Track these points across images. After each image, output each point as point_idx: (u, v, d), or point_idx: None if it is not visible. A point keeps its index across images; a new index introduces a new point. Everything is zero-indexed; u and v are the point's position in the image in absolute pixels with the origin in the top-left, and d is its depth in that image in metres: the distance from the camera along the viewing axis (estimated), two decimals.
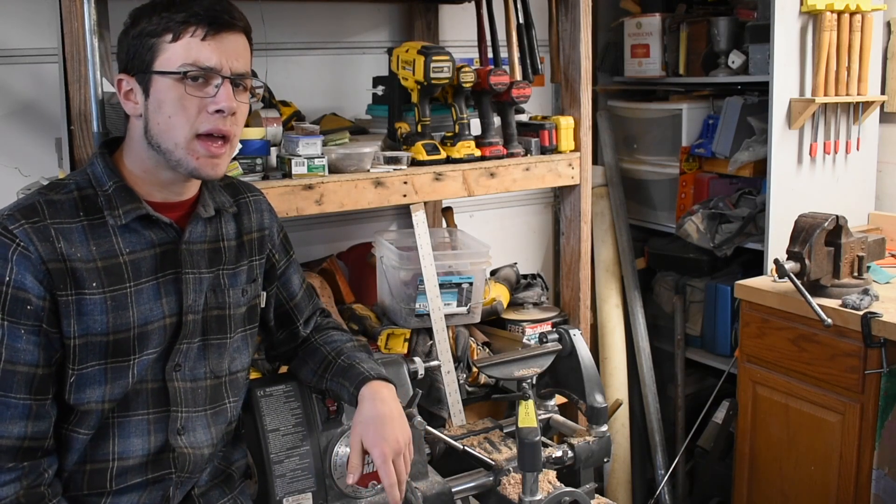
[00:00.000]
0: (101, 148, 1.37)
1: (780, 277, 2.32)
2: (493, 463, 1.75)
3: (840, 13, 2.48)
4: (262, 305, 1.55)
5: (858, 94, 2.58)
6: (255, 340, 1.54)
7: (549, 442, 1.86)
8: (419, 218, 2.12)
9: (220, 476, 1.50)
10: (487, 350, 2.26)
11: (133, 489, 1.35)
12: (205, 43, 1.28)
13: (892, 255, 2.58)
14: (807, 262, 2.22)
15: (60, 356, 1.27)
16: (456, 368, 2.13)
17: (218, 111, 1.29)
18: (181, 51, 1.27)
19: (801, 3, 2.47)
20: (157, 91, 1.28)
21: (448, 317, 2.15)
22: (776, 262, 2.25)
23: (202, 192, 1.41)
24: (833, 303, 2.23)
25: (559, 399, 2.01)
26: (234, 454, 1.54)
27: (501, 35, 2.39)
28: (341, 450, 1.60)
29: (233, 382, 1.47)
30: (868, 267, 2.37)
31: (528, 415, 1.62)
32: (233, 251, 1.45)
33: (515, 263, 2.57)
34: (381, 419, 1.44)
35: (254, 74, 1.44)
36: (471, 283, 2.19)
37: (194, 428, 1.40)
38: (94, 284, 1.27)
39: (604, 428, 1.85)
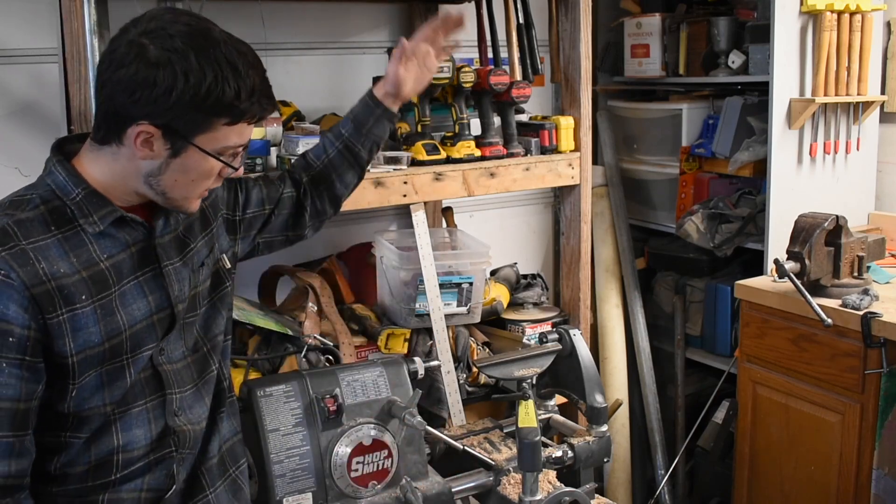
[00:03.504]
0: (56, 154, 1.31)
1: (780, 277, 2.32)
2: (493, 463, 1.75)
3: (840, 13, 2.48)
4: (228, 266, 1.53)
5: (858, 94, 2.58)
6: (228, 303, 1.53)
7: (549, 442, 1.86)
8: (419, 218, 2.12)
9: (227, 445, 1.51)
10: (487, 350, 2.26)
11: (137, 474, 1.35)
12: (251, 126, 1.31)
13: (892, 255, 2.58)
14: (807, 262, 2.22)
15: (43, 388, 1.23)
16: (456, 368, 2.13)
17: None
18: (232, 136, 1.27)
19: (801, 3, 2.47)
20: (189, 159, 1.26)
21: (448, 317, 2.15)
22: (776, 262, 2.25)
23: None
24: (833, 303, 2.23)
25: (559, 399, 2.01)
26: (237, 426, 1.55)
27: (501, 35, 2.39)
28: (341, 450, 1.60)
29: (214, 347, 1.47)
30: (868, 267, 2.37)
31: (528, 415, 1.62)
32: (190, 229, 1.44)
33: (515, 263, 2.57)
34: None
35: None
36: (471, 283, 2.19)
37: (190, 405, 1.40)
38: (84, 297, 1.24)
39: (604, 428, 1.85)
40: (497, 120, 2.24)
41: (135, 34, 1.21)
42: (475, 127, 2.21)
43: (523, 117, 2.41)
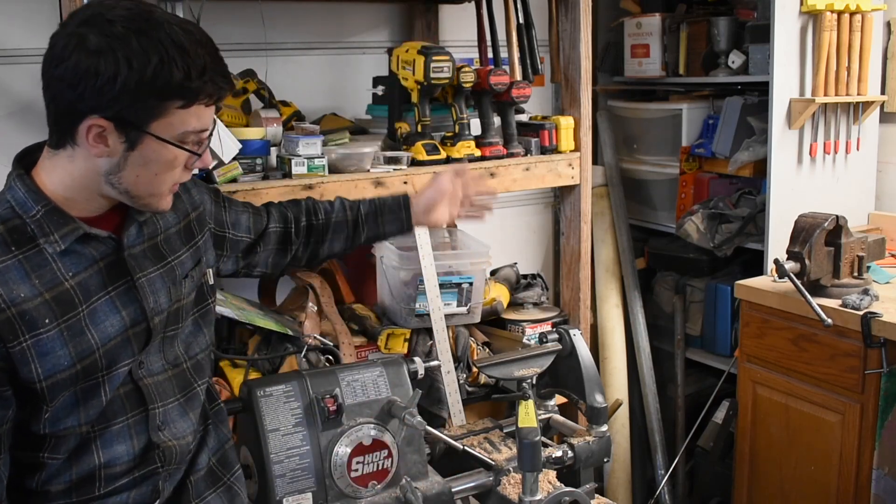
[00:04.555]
0: (16, 168, 1.25)
1: (780, 277, 2.32)
2: (493, 463, 1.74)
3: (840, 13, 2.48)
4: (211, 282, 1.49)
5: (858, 94, 2.58)
6: (210, 319, 1.49)
7: (549, 442, 1.86)
8: None
9: (217, 454, 1.49)
10: (487, 350, 2.26)
11: (121, 489, 1.33)
12: (209, 108, 1.23)
13: (892, 255, 2.58)
14: (807, 262, 2.22)
15: (13, 413, 1.20)
16: (456, 368, 2.13)
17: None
18: (190, 119, 1.20)
19: (801, 3, 2.47)
20: (147, 150, 1.19)
21: (448, 317, 2.15)
22: (776, 262, 2.25)
23: None
24: (833, 303, 2.23)
25: (559, 399, 2.01)
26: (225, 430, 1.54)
27: (501, 35, 2.39)
28: (341, 450, 1.60)
29: (195, 366, 1.43)
30: (868, 267, 2.37)
31: (528, 415, 1.62)
32: (172, 240, 1.39)
33: (515, 263, 2.57)
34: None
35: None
36: (471, 283, 2.19)
37: (173, 419, 1.37)
38: (48, 321, 1.18)
39: (604, 428, 1.85)
40: (497, 120, 2.24)
41: (73, 26, 1.15)
42: (475, 127, 2.21)
43: (523, 117, 2.41)
